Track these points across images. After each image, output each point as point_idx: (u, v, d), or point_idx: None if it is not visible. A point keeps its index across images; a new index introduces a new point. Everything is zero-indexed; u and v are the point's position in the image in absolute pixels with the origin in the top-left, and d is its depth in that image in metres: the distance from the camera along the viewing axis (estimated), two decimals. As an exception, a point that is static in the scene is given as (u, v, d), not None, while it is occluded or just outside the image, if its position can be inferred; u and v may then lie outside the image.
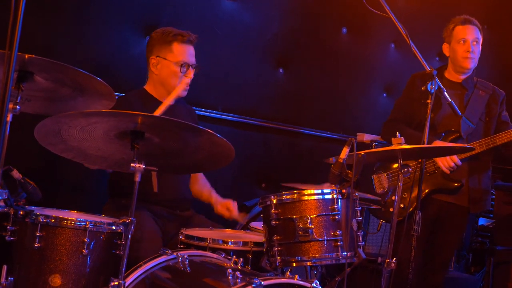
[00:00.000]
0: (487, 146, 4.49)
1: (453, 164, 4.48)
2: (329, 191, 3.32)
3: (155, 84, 4.27)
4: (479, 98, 4.68)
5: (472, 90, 4.72)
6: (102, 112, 2.98)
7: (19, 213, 3.03)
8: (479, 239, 6.25)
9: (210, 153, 3.20)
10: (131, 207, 3.00)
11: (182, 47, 4.20)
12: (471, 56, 4.64)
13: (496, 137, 4.49)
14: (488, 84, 4.81)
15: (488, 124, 4.69)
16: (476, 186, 4.61)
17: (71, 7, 4.70)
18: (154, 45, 4.23)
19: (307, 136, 6.04)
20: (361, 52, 6.35)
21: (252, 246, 3.53)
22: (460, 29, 4.68)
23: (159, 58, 4.19)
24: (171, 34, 4.19)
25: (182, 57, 4.20)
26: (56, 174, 4.52)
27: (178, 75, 4.18)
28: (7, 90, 2.44)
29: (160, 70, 4.20)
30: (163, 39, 4.19)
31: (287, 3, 5.89)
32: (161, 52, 4.19)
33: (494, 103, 4.73)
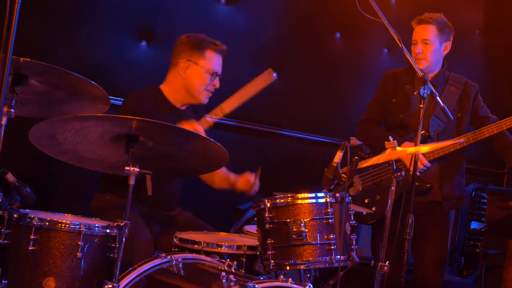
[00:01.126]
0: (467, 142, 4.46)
1: (422, 166, 4.48)
2: (322, 195, 3.34)
3: (176, 87, 4.23)
4: (450, 95, 4.66)
5: (442, 87, 4.69)
6: (96, 116, 2.99)
7: (13, 216, 3.04)
8: (471, 243, 6.28)
9: (204, 157, 3.21)
10: (125, 210, 3.01)
11: (214, 56, 4.23)
12: (420, 57, 4.61)
13: (478, 132, 4.47)
14: (461, 79, 4.77)
15: (460, 121, 4.66)
16: (448, 185, 4.61)
17: (65, 11, 4.71)
18: (185, 48, 4.20)
19: (301, 140, 6.06)
20: (355, 56, 6.38)
21: (246, 249, 3.53)
22: (414, 30, 4.70)
23: (190, 63, 4.17)
24: (206, 41, 4.20)
25: (214, 65, 4.22)
26: (51, 177, 4.53)
27: (207, 82, 4.19)
28: (2, 94, 2.45)
29: (189, 75, 4.18)
30: (196, 45, 4.19)
31: (281, 8, 5.91)
32: (193, 57, 4.18)
33: (467, 99, 4.69)
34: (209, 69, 4.19)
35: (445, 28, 4.66)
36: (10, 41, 2.46)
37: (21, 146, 3.42)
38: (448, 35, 4.68)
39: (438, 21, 4.64)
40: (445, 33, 4.66)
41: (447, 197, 4.61)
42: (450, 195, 4.61)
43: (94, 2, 4.83)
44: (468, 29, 6.74)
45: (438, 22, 4.63)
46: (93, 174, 4.03)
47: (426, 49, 4.61)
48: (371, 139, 4.68)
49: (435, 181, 4.56)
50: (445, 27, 4.66)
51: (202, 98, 4.23)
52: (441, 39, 4.64)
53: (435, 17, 4.65)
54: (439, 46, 4.64)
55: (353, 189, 4.68)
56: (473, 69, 6.72)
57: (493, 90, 6.41)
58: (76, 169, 3.51)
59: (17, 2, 2.45)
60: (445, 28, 4.66)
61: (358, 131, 4.90)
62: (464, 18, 6.47)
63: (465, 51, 6.63)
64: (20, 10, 2.47)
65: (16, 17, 2.46)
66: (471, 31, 7.03)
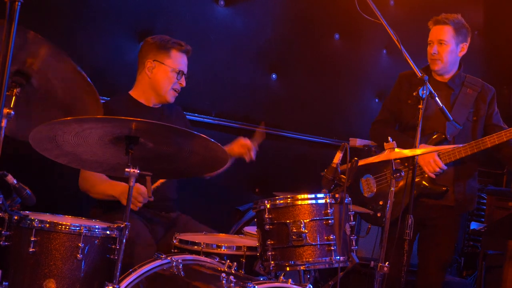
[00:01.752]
0: (471, 150, 4.46)
1: (438, 169, 4.48)
2: (322, 196, 3.34)
3: (144, 88, 4.30)
4: (466, 97, 4.64)
5: (459, 89, 4.68)
6: (95, 118, 2.99)
7: (13, 218, 3.04)
8: (470, 243, 6.28)
9: (204, 158, 3.21)
10: (125, 212, 3.02)
11: (180, 55, 4.28)
12: (435, 58, 4.61)
13: (480, 141, 4.45)
14: (477, 81, 4.74)
15: (475, 124, 4.65)
16: (461, 189, 4.59)
17: (65, 13, 4.72)
18: (151, 49, 4.27)
19: (300, 141, 6.06)
20: (354, 57, 6.39)
21: (245, 250, 3.54)
22: (431, 31, 4.68)
23: (156, 62, 4.23)
24: (170, 41, 4.27)
25: (179, 64, 4.28)
26: (51, 179, 4.53)
27: (173, 81, 4.25)
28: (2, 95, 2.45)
29: (156, 74, 4.24)
30: (162, 45, 4.25)
31: (280, 9, 5.92)
32: (159, 57, 4.24)
33: (483, 102, 4.67)
34: (175, 68, 4.25)
35: (462, 29, 4.63)
36: (10, 43, 2.46)
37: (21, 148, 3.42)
38: (465, 36, 4.65)
39: (455, 21, 4.61)
40: (462, 34, 4.63)
41: (458, 200, 4.60)
42: (461, 198, 4.60)
43: (93, 4, 4.84)
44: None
45: (455, 22, 4.61)
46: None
47: (442, 50, 4.59)
48: (384, 140, 4.65)
49: (449, 184, 4.57)
50: (462, 28, 4.63)
51: (169, 97, 4.30)
52: (457, 40, 4.61)
53: (452, 17, 4.62)
54: (455, 47, 4.62)
55: (368, 190, 4.69)
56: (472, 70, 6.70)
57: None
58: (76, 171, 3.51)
59: (17, 4, 2.46)
60: (462, 29, 4.63)
61: (372, 132, 4.88)
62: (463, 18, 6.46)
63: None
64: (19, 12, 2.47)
65: (15, 19, 2.47)
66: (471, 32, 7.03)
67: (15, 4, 2.45)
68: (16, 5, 2.45)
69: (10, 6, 2.46)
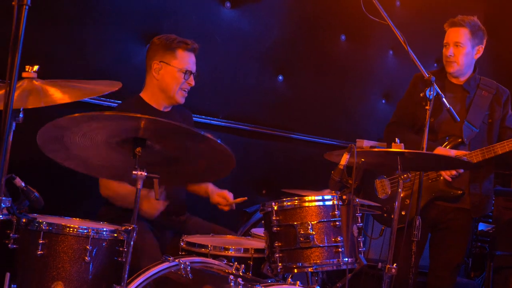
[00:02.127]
0: (482, 157, 4.45)
1: (455, 172, 4.46)
2: (329, 198, 3.34)
3: (153, 90, 4.28)
4: (481, 99, 4.62)
5: (474, 92, 4.66)
6: (104, 115, 2.97)
7: (21, 221, 3.05)
8: (478, 244, 6.26)
9: (210, 162, 3.20)
10: (133, 214, 3.02)
11: (186, 55, 4.25)
12: (451, 60, 4.59)
13: (492, 147, 4.44)
14: (492, 83, 4.73)
15: (491, 127, 4.63)
16: (477, 191, 4.58)
17: (71, 15, 4.72)
18: (157, 50, 4.24)
19: (307, 143, 6.06)
20: (360, 59, 6.38)
21: (253, 252, 3.54)
22: (447, 33, 4.66)
23: (162, 64, 4.21)
24: (176, 41, 4.23)
25: (186, 64, 4.24)
26: (59, 182, 4.53)
27: (181, 81, 4.21)
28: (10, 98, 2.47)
29: (163, 76, 4.22)
30: (167, 45, 4.22)
31: (286, 11, 5.92)
32: (165, 57, 4.21)
33: (498, 104, 4.66)
34: (182, 68, 4.22)
35: (478, 31, 4.61)
36: (18, 47, 2.47)
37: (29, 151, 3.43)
38: (481, 39, 4.63)
39: (471, 24, 4.59)
40: (478, 37, 4.61)
41: (475, 203, 4.59)
42: (477, 201, 4.59)
43: (100, 7, 4.85)
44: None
45: (471, 25, 4.59)
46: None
47: (458, 52, 4.57)
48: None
49: (465, 187, 4.56)
50: (478, 30, 4.62)
51: (178, 98, 4.26)
52: (473, 43, 4.59)
53: (468, 20, 4.60)
54: (471, 49, 4.60)
55: (382, 192, 4.68)
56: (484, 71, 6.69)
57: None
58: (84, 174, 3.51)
59: (24, 8, 2.47)
60: (478, 32, 4.61)
61: (386, 133, 4.85)
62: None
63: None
64: (27, 16, 2.48)
65: (23, 23, 2.48)
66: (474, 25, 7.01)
67: (23, 7, 2.46)
68: (24, 8, 2.46)
69: (18, 10, 2.47)
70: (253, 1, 5.65)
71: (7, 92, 2.45)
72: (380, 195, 4.66)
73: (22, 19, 2.47)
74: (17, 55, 2.47)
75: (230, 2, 5.50)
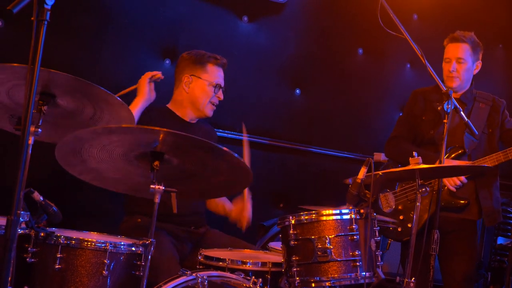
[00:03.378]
0: (498, 161, 4.46)
1: (459, 182, 4.51)
2: (347, 211, 3.34)
3: (182, 102, 4.36)
4: (479, 111, 4.67)
5: (471, 104, 4.71)
6: (123, 128, 2.98)
7: (40, 235, 3.07)
8: (497, 258, 6.21)
9: (228, 177, 3.21)
10: (151, 228, 3.03)
11: (216, 69, 4.37)
12: (453, 75, 4.62)
13: (508, 151, 4.46)
14: (488, 95, 4.78)
15: (491, 136, 4.68)
16: (488, 199, 4.59)
17: (90, 30, 4.77)
18: (187, 64, 4.35)
19: (324, 156, 6.05)
20: (377, 72, 6.37)
21: (270, 266, 3.53)
22: (447, 48, 4.71)
23: (193, 77, 4.30)
24: (206, 55, 4.36)
25: (216, 78, 4.36)
26: (77, 196, 4.56)
27: (211, 94, 4.32)
28: (29, 113, 2.48)
29: (193, 89, 4.32)
30: (197, 60, 4.33)
31: (303, 25, 5.93)
32: (196, 71, 4.31)
33: (496, 113, 4.71)
34: (212, 81, 4.32)
35: (477, 47, 4.68)
36: (37, 61, 2.49)
37: (47, 165, 3.45)
38: (478, 54, 4.71)
39: (471, 40, 4.66)
40: (477, 52, 4.69)
41: (487, 212, 4.60)
42: (490, 210, 4.60)
43: (118, 21, 4.89)
44: (491, 43, 6.70)
45: (471, 41, 4.66)
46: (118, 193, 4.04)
47: (460, 68, 4.62)
48: (402, 156, 4.57)
49: (470, 197, 4.56)
50: (477, 46, 4.69)
51: (207, 111, 4.37)
52: (473, 58, 4.66)
53: (468, 35, 4.67)
54: (472, 64, 4.67)
55: (387, 206, 4.67)
56: (495, 83, 6.65)
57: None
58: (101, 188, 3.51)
59: (43, 24, 2.49)
60: (477, 48, 4.68)
61: (388, 148, 4.88)
62: (487, 31, 6.42)
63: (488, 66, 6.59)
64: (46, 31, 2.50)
65: (42, 38, 2.49)
66: (495, 45, 6.99)
67: (42, 23, 2.48)
68: (43, 24, 2.48)
69: (37, 25, 2.48)
70: (270, 14, 5.66)
71: (26, 107, 2.47)
72: (385, 209, 4.65)
73: (41, 35, 2.48)
74: (36, 71, 2.49)
75: (247, 16, 5.53)
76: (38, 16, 2.47)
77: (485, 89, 4.87)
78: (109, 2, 4.86)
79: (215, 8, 5.37)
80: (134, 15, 4.95)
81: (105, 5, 4.83)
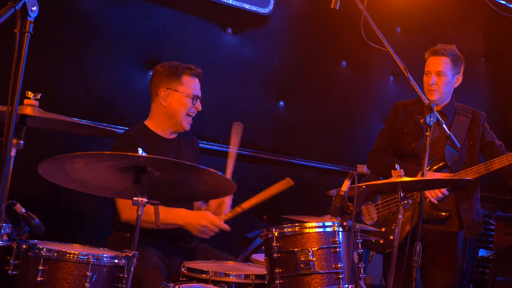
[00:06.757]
0: (479, 173, 4.50)
1: (440, 195, 4.54)
2: (330, 224, 3.34)
3: (159, 117, 4.28)
4: (460, 124, 4.71)
5: (452, 116, 4.75)
6: (104, 154, 3.00)
7: (22, 247, 3.05)
8: (479, 270, 6.25)
9: (212, 186, 3.23)
10: (134, 240, 3.02)
11: (192, 80, 4.28)
12: (433, 89, 4.66)
13: (489, 164, 4.50)
14: (468, 108, 4.82)
15: (472, 148, 4.71)
16: (468, 211, 4.63)
17: (73, 41, 4.76)
18: (162, 77, 4.26)
19: (308, 168, 6.06)
20: (361, 84, 6.41)
21: (254, 278, 3.52)
22: (428, 61, 4.74)
23: (169, 91, 4.22)
24: (180, 67, 4.26)
25: (193, 89, 4.27)
26: (59, 208, 4.54)
27: (189, 106, 4.24)
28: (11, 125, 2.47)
29: (171, 102, 4.23)
30: (172, 72, 4.24)
31: (287, 37, 5.95)
32: (171, 84, 4.23)
33: (476, 126, 4.74)
34: (189, 93, 4.25)
35: (457, 60, 4.71)
36: (20, 73, 2.48)
37: (29, 177, 3.44)
38: (459, 68, 4.73)
39: (452, 53, 4.69)
40: (458, 66, 4.71)
41: (467, 224, 4.64)
42: (471, 221, 4.64)
43: (102, 33, 4.88)
44: (473, 56, 6.77)
45: (452, 54, 4.68)
46: (102, 204, 4.03)
47: (440, 81, 4.65)
48: (384, 169, 4.60)
49: (451, 209, 4.59)
50: (458, 59, 4.71)
51: (185, 125, 4.29)
52: (454, 72, 4.69)
53: (449, 49, 4.69)
54: (452, 78, 4.69)
55: (369, 218, 4.68)
56: (478, 96, 6.72)
57: (499, 117, 6.39)
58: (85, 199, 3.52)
59: (26, 36, 2.48)
60: (457, 61, 4.71)
61: (370, 161, 4.91)
62: (469, 45, 6.49)
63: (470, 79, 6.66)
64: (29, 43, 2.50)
65: (25, 50, 2.49)
66: (477, 58, 7.06)
67: (25, 35, 2.47)
68: (26, 36, 2.48)
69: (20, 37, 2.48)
70: (255, 26, 5.68)
71: (8, 119, 2.46)
72: (367, 221, 4.67)
73: (24, 47, 2.48)
74: (19, 83, 2.48)
75: (231, 28, 5.54)
76: (22, 28, 2.47)
77: (467, 102, 4.91)
78: (93, 14, 4.85)
79: (199, 20, 5.38)
80: (118, 27, 4.94)
81: (89, 17, 4.83)
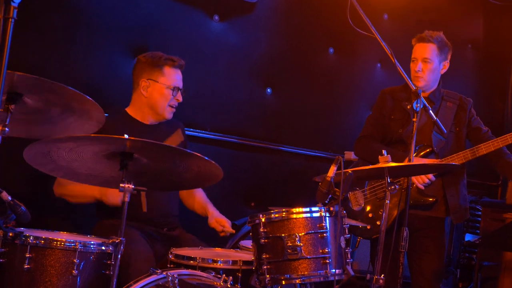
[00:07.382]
0: (466, 159, 4.51)
1: (427, 180, 4.55)
2: (317, 209, 3.35)
3: (141, 107, 4.31)
4: (447, 110, 4.72)
5: (439, 103, 4.76)
6: (90, 137, 3.00)
7: (8, 235, 3.05)
8: (466, 255, 6.29)
9: (199, 173, 3.23)
10: (121, 227, 3.02)
11: (173, 71, 4.29)
12: (419, 75, 4.66)
13: (475, 149, 4.51)
14: (455, 94, 4.83)
15: (459, 134, 4.73)
16: (455, 197, 4.65)
17: (59, 29, 4.73)
18: (144, 68, 4.27)
19: (295, 155, 6.07)
20: (348, 71, 6.41)
21: (241, 264, 3.54)
22: (415, 47, 4.74)
23: (150, 81, 4.23)
24: (162, 58, 4.27)
25: (174, 81, 4.29)
26: (46, 196, 4.52)
27: (169, 97, 4.26)
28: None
29: (151, 93, 4.25)
30: (154, 63, 4.25)
31: (274, 24, 5.94)
32: (152, 75, 4.24)
33: (463, 112, 4.75)
34: (170, 85, 4.26)
35: (444, 47, 4.71)
36: (4, 60, 2.46)
37: (15, 164, 3.43)
38: (446, 54, 4.74)
39: (438, 40, 4.69)
40: (444, 52, 4.71)
41: (454, 210, 4.66)
42: (457, 207, 4.66)
43: (88, 20, 4.86)
44: (460, 43, 6.78)
45: (438, 41, 4.68)
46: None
47: (426, 68, 4.65)
48: (371, 155, 4.59)
49: (438, 195, 4.61)
50: (444, 46, 4.72)
51: (166, 114, 4.32)
52: (440, 58, 4.69)
53: (435, 35, 4.69)
54: (438, 64, 4.69)
55: (356, 204, 4.70)
56: (465, 83, 6.74)
57: (485, 104, 6.43)
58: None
59: (10, 21, 2.46)
60: (444, 47, 4.71)
61: (357, 148, 4.92)
62: (456, 32, 6.49)
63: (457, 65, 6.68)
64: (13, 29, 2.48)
65: (9, 36, 2.47)
66: (464, 45, 7.08)
67: (9, 21, 2.46)
68: (10, 21, 2.46)
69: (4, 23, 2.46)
70: (242, 13, 5.67)
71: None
72: (354, 207, 4.69)
73: (8, 33, 2.46)
74: (3, 69, 2.46)
75: (218, 15, 5.52)
76: (5, 13, 2.45)
77: (454, 88, 4.92)
78: (78, 1, 4.83)
79: (186, 7, 5.36)
80: (104, 14, 4.92)
81: (74, 4, 4.80)
